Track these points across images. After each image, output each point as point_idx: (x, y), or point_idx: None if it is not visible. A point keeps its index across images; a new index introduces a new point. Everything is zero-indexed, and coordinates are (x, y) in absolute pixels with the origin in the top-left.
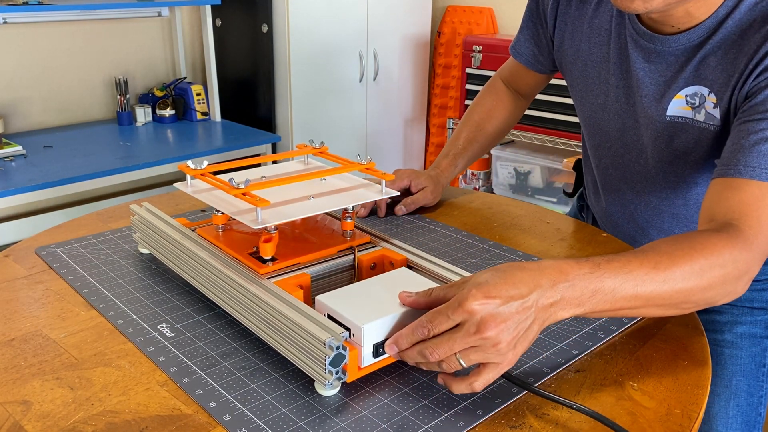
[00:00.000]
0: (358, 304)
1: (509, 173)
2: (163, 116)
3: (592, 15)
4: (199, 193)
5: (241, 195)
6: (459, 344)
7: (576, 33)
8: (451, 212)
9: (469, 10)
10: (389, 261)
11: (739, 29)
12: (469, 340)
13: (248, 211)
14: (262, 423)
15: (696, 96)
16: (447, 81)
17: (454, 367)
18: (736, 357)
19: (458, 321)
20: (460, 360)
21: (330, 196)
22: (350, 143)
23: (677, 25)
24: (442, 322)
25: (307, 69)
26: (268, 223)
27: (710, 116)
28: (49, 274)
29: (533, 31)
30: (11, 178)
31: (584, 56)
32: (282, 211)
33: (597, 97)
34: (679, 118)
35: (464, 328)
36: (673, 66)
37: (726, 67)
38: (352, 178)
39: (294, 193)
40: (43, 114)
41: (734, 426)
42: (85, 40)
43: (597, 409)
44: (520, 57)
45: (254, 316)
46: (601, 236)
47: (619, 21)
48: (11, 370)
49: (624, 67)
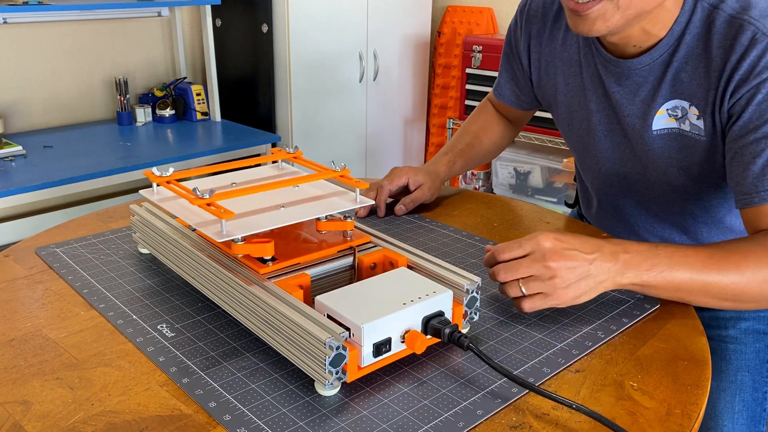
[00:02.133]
0: (358, 304)
1: (509, 173)
2: (163, 116)
3: (561, 49)
4: (165, 202)
5: (206, 206)
6: (523, 269)
7: (550, 68)
8: (451, 212)
9: (469, 10)
10: (389, 261)
11: (700, 41)
12: (533, 266)
13: (213, 222)
14: (262, 423)
15: (677, 108)
16: (447, 81)
17: (515, 292)
18: (740, 353)
19: (528, 251)
20: (521, 286)
21: (301, 206)
22: (350, 143)
23: (638, 44)
24: (513, 249)
25: (307, 69)
26: (233, 235)
27: (695, 127)
28: (49, 274)
29: (511, 73)
30: (11, 178)
31: (562, 88)
32: (248, 222)
33: (581, 123)
34: (665, 130)
35: (531, 257)
36: (646, 85)
37: (700, 81)
38: (326, 185)
39: (264, 201)
40: (43, 114)
41: (740, 421)
42: (85, 40)
43: (597, 409)
44: (504, 98)
45: (254, 317)
46: (601, 236)
47: (587, 50)
48: (11, 370)
49: (600, 91)
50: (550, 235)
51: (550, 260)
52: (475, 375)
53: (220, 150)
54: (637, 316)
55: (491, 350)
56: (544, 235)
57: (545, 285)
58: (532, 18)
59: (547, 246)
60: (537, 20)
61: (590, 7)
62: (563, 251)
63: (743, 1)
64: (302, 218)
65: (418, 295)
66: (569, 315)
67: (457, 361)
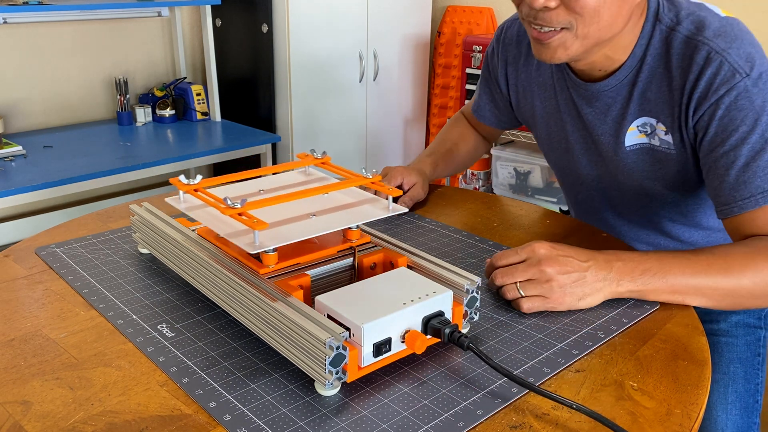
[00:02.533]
0: (358, 304)
1: (509, 173)
2: (163, 116)
3: (536, 74)
4: (193, 210)
5: (237, 216)
6: (519, 273)
7: (527, 92)
8: (451, 212)
9: (469, 10)
10: (389, 261)
11: (661, 62)
12: (528, 271)
13: (245, 233)
14: (262, 423)
15: (646, 125)
16: (447, 81)
17: (512, 295)
18: (732, 345)
19: (524, 257)
20: (519, 289)
21: (333, 214)
22: (350, 143)
23: (603, 68)
24: (510, 255)
25: (307, 69)
26: (265, 247)
27: (665, 142)
28: (49, 274)
29: (490, 96)
30: (11, 178)
31: (540, 111)
32: (280, 232)
33: (560, 143)
34: (637, 145)
35: (527, 262)
36: (615, 105)
37: (665, 99)
38: (356, 191)
39: (294, 210)
40: (43, 114)
41: (733, 411)
42: (85, 40)
43: (597, 409)
44: (484, 119)
45: (254, 316)
46: (601, 236)
47: (559, 75)
48: (11, 370)
49: (574, 113)
50: (545, 243)
51: (546, 265)
52: (475, 375)
53: (220, 150)
54: (637, 316)
55: (491, 350)
56: (539, 242)
57: (542, 287)
58: (508, 45)
59: (542, 252)
60: (512, 47)
61: (551, 36)
62: (558, 257)
63: (697, 23)
64: (335, 228)
65: (418, 295)
66: (569, 315)
67: (457, 361)
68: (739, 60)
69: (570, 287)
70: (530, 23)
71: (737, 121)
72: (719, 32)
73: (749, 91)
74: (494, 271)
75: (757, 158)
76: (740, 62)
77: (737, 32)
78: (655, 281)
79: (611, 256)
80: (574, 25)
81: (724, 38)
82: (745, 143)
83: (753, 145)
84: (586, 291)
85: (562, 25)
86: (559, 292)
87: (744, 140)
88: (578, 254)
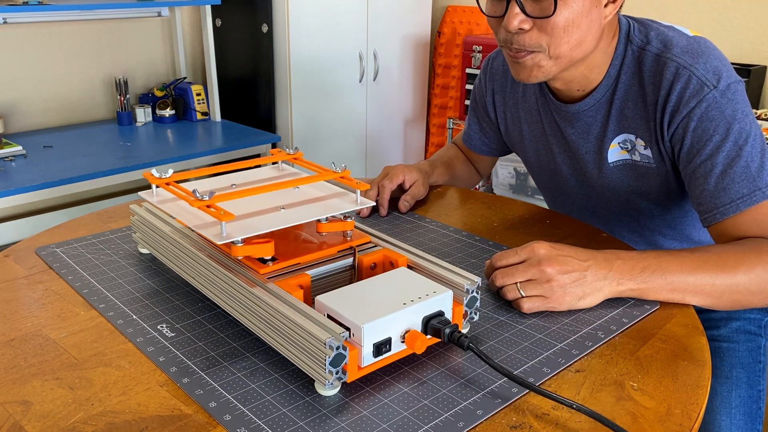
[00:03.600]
0: (358, 304)
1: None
2: (163, 116)
3: (522, 100)
4: (165, 203)
5: (205, 207)
6: (520, 274)
7: (515, 119)
8: (451, 212)
9: (469, 10)
10: (389, 261)
11: (635, 80)
12: (529, 271)
13: (213, 224)
14: (262, 423)
15: (627, 142)
16: (447, 81)
17: (512, 295)
18: (733, 350)
19: (524, 257)
20: (519, 289)
21: (301, 207)
22: (350, 143)
23: (581, 88)
24: (510, 256)
25: (307, 69)
26: (233, 237)
27: (645, 156)
28: (49, 274)
29: (479, 125)
30: (11, 178)
31: (527, 135)
32: (248, 224)
33: (548, 165)
34: (620, 161)
35: (527, 262)
36: (596, 124)
37: (641, 115)
38: (327, 186)
39: (264, 203)
40: (43, 114)
41: (737, 416)
42: (85, 40)
43: (597, 409)
44: (474, 148)
45: (254, 317)
46: (601, 236)
47: (542, 99)
48: (11, 370)
49: (558, 135)
50: (545, 243)
51: (546, 265)
52: (475, 375)
53: (220, 150)
54: (637, 316)
55: (491, 350)
56: (538, 243)
57: (542, 288)
58: (495, 74)
59: (542, 253)
60: (499, 76)
61: (525, 56)
62: (558, 257)
63: (665, 42)
64: (303, 220)
65: (418, 295)
66: (569, 315)
67: (457, 361)
68: (706, 74)
69: (570, 287)
70: (507, 47)
71: (710, 131)
72: (686, 49)
73: (718, 102)
74: (494, 271)
75: (733, 165)
76: (707, 75)
77: (703, 48)
78: (655, 279)
79: (611, 255)
80: (545, 47)
81: (690, 54)
82: (720, 151)
83: (728, 153)
84: (587, 290)
85: (534, 48)
86: (559, 292)
87: (718, 149)
88: (578, 254)
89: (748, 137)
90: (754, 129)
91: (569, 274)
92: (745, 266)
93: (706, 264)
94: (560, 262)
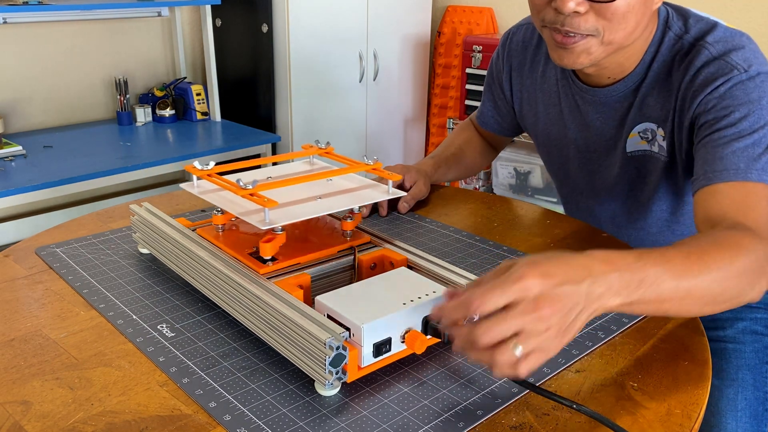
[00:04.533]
0: (358, 304)
1: (509, 173)
2: (163, 116)
3: (541, 81)
4: (206, 194)
5: (249, 196)
6: (515, 324)
7: (531, 99)
8: (451, 212)
9: (469, 10)
10: (389, 261)
11: (665, 67)
12: (524, 319)
13: (255, 212)
14: (262, 423)
15: (648, 131)
16: (447, 81)
17: (508, 357)
18: (739, 351)
19: (512, 298)
20: (515, 348)
21: (337, 197)
22: (350, 143)
23: (612, 76)
24: (495, 297)
25: (307, 69)
26: (276, 223)
27: (661, 148)
28: (49, 274)
29: (493, 102)
30: (11, 178)
31: (543, 117)
32: (290, 211)
33: (561, 150)
34: (638, 152)
35: (520, 306)
36: (619, 111)
37: (663, 104)
38: (358, 178)
39: (301, 193)
40: (43, 114)
41: (743, 419)
42: (85, 40)
43: (597, 409)
44: (487, 126)
45: (254, 316)
46: (601, 236)
47: (564, 82)
48: (11, 370)
49: (579, 120)
50: (535, 272)
51: (544, 308)
52: (475, 375)
53: (220, 150)
54: (637, 316)
55: None
56: (529, 274)
57: (540, 339)
58: (514, 51)
59: (537, 291)
60: (518, 53)
61: (576, 41)
62: (555, 292)
63: (704, 30)
64: (340, 208)
65: (418, 295)
66: None
67: (457, 361)
68: (738, 60)
69: (568, 326)
70: (555, 29)
71: (730, 108)
72: (722, 39)
73: (745, 84)
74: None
75: (739, 141)
76: (739, 62)
77: (740, 41)
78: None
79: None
80: (600, 31)
81: (725, 44)
82: (733, 128)
83: (740, 130)
84: (583, 318)
85: (589, 32)
86: (558, 338)
87: (732, 125)
88: (574, 272)
89: (765, 126)
90: None
91: (570, 311)
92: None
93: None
94: (559, 298)
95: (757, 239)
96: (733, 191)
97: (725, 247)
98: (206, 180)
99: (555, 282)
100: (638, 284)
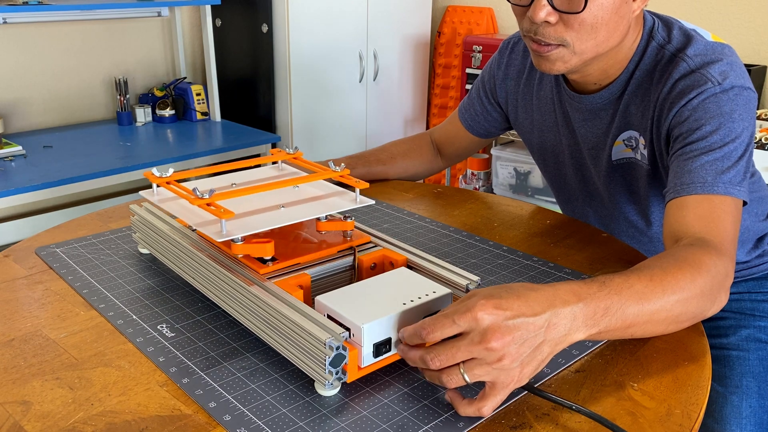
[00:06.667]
0: (358, 304)
1: (509, 173)
2: (163, 116)
3: (538, 89)
4: (165, 202)
5: (205, 206)
6: (462, 353)
7: (528, 106)
8: (451, 212)
9: (469, 10)
10: (389, 261)
11: (647, 77)
12: (473, 349)
13: (213, 222)
14: (262, 423)
15: (631, 139)
16: (447, 81)
17: (456, 381)
18: (743, 359)
19: (463, 328)
20: (464, 374)
21: (301, 205)
22: (350, 143)
23: (598, 82)
24: (446, 326)
25: (307, 69)
26: (233, 235)
27: (643, 156)
28: (49, 274)
29: (481, 106)
30: (11, 178)
31: (538, 124)
32: (248, 222)
33: (556, 157)
34: (623, 159)
35: (468, 337)
36: (604, 119)
37: (644, 112)
38: (326, 185)
39: (264, 201)
40: (43, 114)
41: (748, 426)
42: (85, 40)
43: (597, 410)
44: (468, 125)
45: (254, 317)
46: (601, 236)
47: (558, 89)
48: (11, 370)
49: (569, 127)
50: (488, 305)
51: (491, 340)
52: None
53: (220, 150)
54: None
55: None
56: (479, 305)
57: (494, 371)
58: (513, 60)
59: (486, 323)
60: (518, 61)
61: (551, 50)
62: (504, 325)
63: (684, 42)
64: (302, 218)
65: (418, 295)
66: None
67: None
68: (714, 73)
69: (528, 357)
70: (530, 38)
71: (702, 121)
72: (701, 52)
73: (718, 97)
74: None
75: (709, 154)
76: (714, 75)
77: (719, 54)
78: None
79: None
80: (569, 42)
81: (703, 57)
82: (704, 141)
83: (710, 144)
84: (546, 351)
85: (559, 41)
86: (516, 370)
87: (703, 138)
88: (531, 306)
89: (736, 139)
90: (745, 136)
91: (524, 343)
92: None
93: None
94: (510, 330)
95: (716, 255)
96: (698, 205)
97: (686, 268)
98: (165, 187)
99: (508, 315)
100: (604, 312)
